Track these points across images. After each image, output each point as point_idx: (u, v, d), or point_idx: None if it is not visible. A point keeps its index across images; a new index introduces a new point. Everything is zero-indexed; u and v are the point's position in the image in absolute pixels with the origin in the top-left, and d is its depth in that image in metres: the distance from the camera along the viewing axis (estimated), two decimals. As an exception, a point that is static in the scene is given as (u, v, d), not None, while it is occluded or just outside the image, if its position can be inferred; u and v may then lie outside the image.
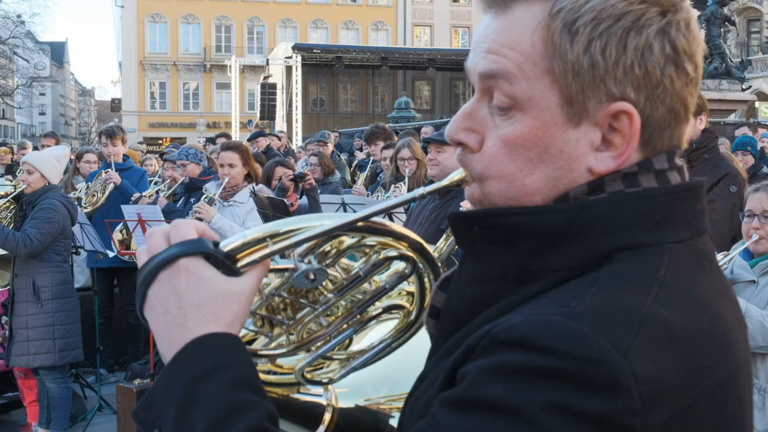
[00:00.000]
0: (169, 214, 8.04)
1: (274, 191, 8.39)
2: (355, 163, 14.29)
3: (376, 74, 52.40)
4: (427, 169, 6.49)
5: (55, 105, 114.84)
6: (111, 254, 8.85)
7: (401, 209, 7.74)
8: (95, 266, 9.14)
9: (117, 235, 8.65)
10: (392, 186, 8.49)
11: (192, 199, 8.54)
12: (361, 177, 11.67)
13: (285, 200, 7.22)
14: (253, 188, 7.41)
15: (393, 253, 1.50)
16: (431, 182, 6.32)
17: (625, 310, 1.14)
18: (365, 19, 62.03)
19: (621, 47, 1.23)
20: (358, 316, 1.55)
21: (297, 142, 34.76)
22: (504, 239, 1.27)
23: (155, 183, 11.20)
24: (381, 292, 1.55)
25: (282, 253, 1.38)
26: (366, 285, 1.54)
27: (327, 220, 1.39)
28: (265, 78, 39.84)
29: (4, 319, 8.64)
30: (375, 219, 1.44)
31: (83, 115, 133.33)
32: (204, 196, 7.49)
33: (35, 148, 14.20)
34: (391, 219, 7.69)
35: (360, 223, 1.42)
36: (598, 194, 1.25)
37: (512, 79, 1.26)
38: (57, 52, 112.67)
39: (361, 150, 16.20)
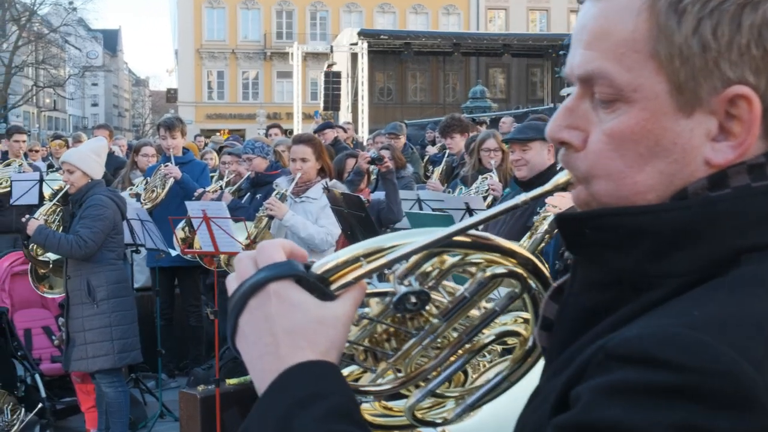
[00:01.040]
0: (235, 210, 8.09)
1: (346, 181, 8.40)
2: (427, 157, 14.24)
3: (447, 61, 52.25)
4: (509, 162, 6.45)
5: (108, 96, 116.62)
6: (173, 253, 8.94)
7: (481, 205, 7.71)
8: (156, 265, 9.24)
9: (179, 233, 8.73)
10: (480, 177, 8.45)
11: (258, 195, 8.58)
12: (437, 171, 11.62)
13: (360, 196, 7.21)
14: (327, 183, 7.42)
15: (501, 270, 1.46)
16: (521, 182, 6.29)
17: (757, 317, 1.09)
18: (435, 3, 61.95)
19: (735, 26, 1.18)
20: (467, 345, 1.51)
21: (363, 134, 34.83)
22: (617, 242, 1.23)
23: (213, 178, 11.27)
24: (490, 315, 1.50)
25: (380, 277, 1.36)
26: (474, 310, 1.50)
27: (423, 235, 1.37)
28: (329, 66, 39.96)
29: (61, 320, 8.79)
30: (478, 233, 1.41)
31: (137, 106, 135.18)
32: (275, 192, 7.52)
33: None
34: (470, 215, 7.65)
35: (461, 238, 1.39)
36: (721, 189, 1.21)
37: (612, 74, 1.23)
38: (110, 41, 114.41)
39: (433, 143, 16.14)
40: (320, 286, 1.29)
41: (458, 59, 50.68)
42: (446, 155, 11.78)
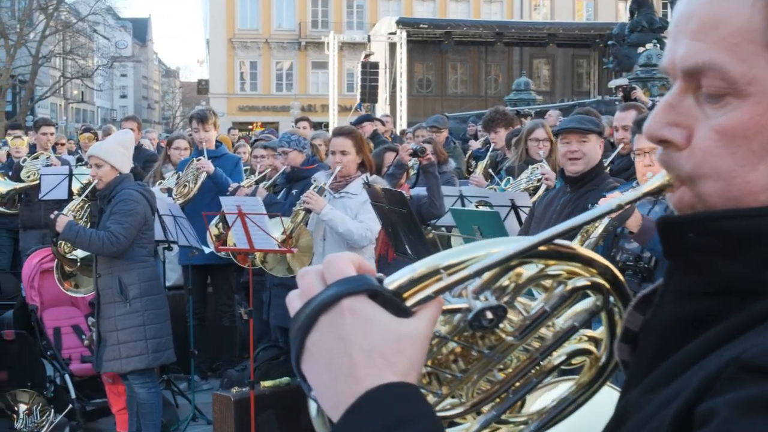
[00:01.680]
0: (271, 206, 8.10)
1: (386, 175, 8.40)
2: (470, 152, 14.21)
3: (489, 52, 52.14)
4: (560, 154, 6.40)
5: (137, 87, 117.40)
6: (207, 250, 8.97)
7: (527, 202, 7.68)
8: (189, 263, 9.28)
9: (213, 229, 8.77)
10: (530, 167, 8.43)
11: (294, 191, 8.60)
12: (480, 165, 11.59)
13: (403, 192, 7.20)
14: (367, 178, 7.42)
15: (582, 282, 1.41)
16: (570, 178, 6.25)
17: None
18: (477, -9, 61.82)
19: None
20: (540, 365, 1.46)
21: (401, 127, 34.81)
22: (727, 248, 1.19)
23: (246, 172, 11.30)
24: (568, 332, 1.45)
25: (452, 292, 1.31)
26: (543, 329, 1.44)
27: (503, 245, 1.32)
28: (367, 56, 39.95)
29: (91, 320, 8.86)
30: (560, 241, 1.36)
31: (167, 98, 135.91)
32: (313, 186, 7.51)
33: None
34: (517, 214, 7.63)
35: (543, 247, 1.35)
36: None
37: (726, 66, 1.19)
38: (139, 30, 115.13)
39: (475, 137, 16.10)
40: (396, 302, 1.24)
41: (501, 49, 50.55)
42: (490, 150, 11.75)
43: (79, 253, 7.90)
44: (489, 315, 1.31)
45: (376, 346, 1.20)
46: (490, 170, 10.95)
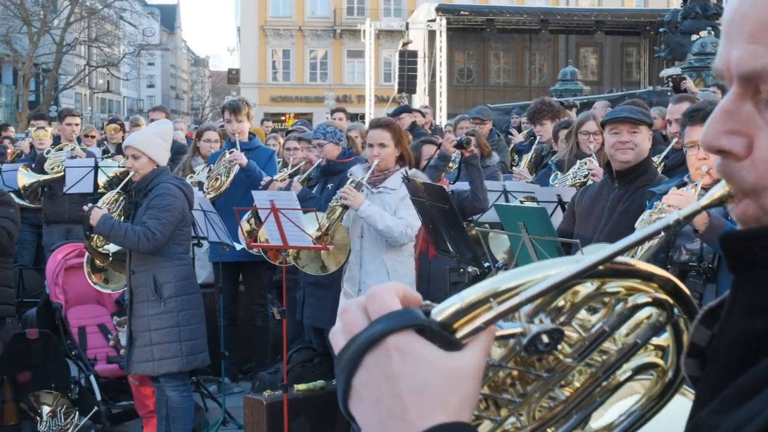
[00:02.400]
0: (305, 201, 8.09)
1: (429, 167, 8.37)
2: (512, 145, 14.16)
3: (533, 40, 51.92)
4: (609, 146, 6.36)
5: (165, 76, 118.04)
6: (238, 247, 8.98)
7: (564, 198, 7.65)
8: (219, 260, 9.30)
9: (244, 225, 8.78)
10: (577, 162, 8.38)
11: (330, 185, 8.59)
12: (525, 159, 11.55)
13: (444, 187, 7.18)
14: (406, 172, 7.39)
15: (643, 299, 1.39)
16: (617, 172, 6.20)
17: None
18: (521, -25, 61.65)
19: None
20: (604, 383, 1.44)
21: (441, 118, 34.77)
22: None
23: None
24: (631, 349, 1.43)
25: (505, 317, 1.28)
26: (606, 344, 1.42)
27: (557, 267, 1.30)
28: (405, 45, 39.95)
29: (116, 319, 8.90)
30: (618, 259, 1.33)
31: (196, 88, 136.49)
32: (350, 181, 7.50)
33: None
34: (563, 210, 7.59)
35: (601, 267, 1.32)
36: None
37: None
38: (168, 17, 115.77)
39: (519, 129, 16.05)
40: (445, 335, 1.22)
41: (546, 37, 50.32)
42: (535, 143, 11.70)
43: (112, 248, 7.87)
44: (545, 339, 1.29)
45: (426, 386, 1.18)
46: (530, 165, 10.93)
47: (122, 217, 7.97)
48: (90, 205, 7.69)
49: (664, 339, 1.46)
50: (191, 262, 7.97)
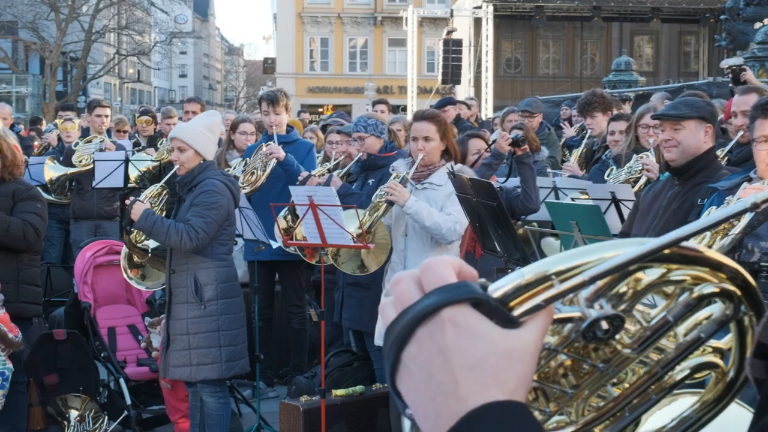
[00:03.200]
0: (345, 197, 8.09)
1: (483, 164, 8.34)
2: (563, 139, 14.10)
3: (585, 28, 51.74)
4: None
5: (198, 65, 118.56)
6: (274, 245, 8.99)
7: (629, 195, 7.60)
8: (255, 259, 9.32)
9: (281, 222, 8.78)
10: (634, 156, 8.33)
11: (371, 180, 8.58)
12: (575, 153, 11.50)
13: (492, 183, 7.15)
14: (452, 167, 7.37)
15: (710, 289, 1.37)
16: (672, 168, 6.17)
17: None
18: (572, -40, 61.41)
19: None
20: (661, 380, 1.42)
21: (486, 111, 34.72)
22: None
23: (318, 160, 11.30)
24: (693, 344, 1.41)
25: (563, 300, 1.28)
26: (663, 341, 1.40)
27: (622, 248, 1.29)
28: (449, 33, 39.93)
29: (148, 320, 8.95)
30: (686, 243, 1.32)
31: (230, 78, 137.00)
32: (393, 176, 7.49)
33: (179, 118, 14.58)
34: (618, 208, 7.55)
35: (666, 251, 1.30)
36: None
37: None
38: (201, 3, 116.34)
39: (569, 122, 15.97)
40: (503, 311, 1.22)
41: (598, 25, 50.09)
42: (586, 137, 11.65)
43: (151, 243, 7.86)
44: (604, 325, 1.28)
45: (481, 362, 1.18)
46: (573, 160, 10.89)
47: (164, 212, 7.98)
48: (132, 198, 7.67)
49: (725, 342, 1.44)
50: (233, 264, 7.91)
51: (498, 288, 1.23)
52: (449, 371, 1.17)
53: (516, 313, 1.23)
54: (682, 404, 1.49)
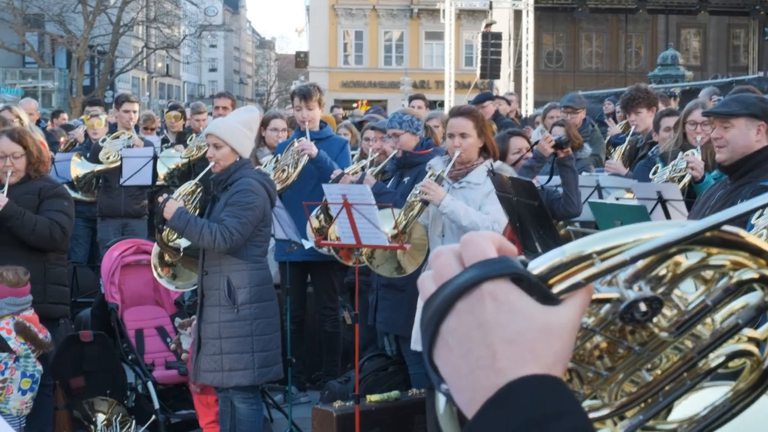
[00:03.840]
0: (380, 195, 8.08)
1: (524, 167, 8.29)
2: (608, 137, 14.03)
3: (629, 21, 51.62)
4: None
5: (228, 59, 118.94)
6: (307, 245, 9.00)
7: (676, 195, 7.56)
8: (286, 260, 9.32)
9: (314, 221, 8.79)
10: (680, 153, 8.28)
11: (406, 179, 8.58)
12: (618, 151, 11.44)
13: (533, 181, 7.12)
14: (491, 165, 7.35)
15: (750, 275, 1.38)
16: (723, 168, 6.14)
17: None
18: (616, -50, 61.18)
19: None
20: (696, 367, 1.44)
21: (526, 107, 34.64)
22: None
23: (354, 157, 11.30)
24: (731, 331, 1.42)
25: (601, 280, 1.31)
26: (699, 327, 1.42)
27: (663, 229, 1.32)
28: (488, 26, 39.91)
29: (178, 321, 8.97)
30: (728, 228, 1.34)
31: (261, 72, 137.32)
32: (429, 174, 7.48)
33: (209, 114, 14.61)
34: (664, 208, 7.51)
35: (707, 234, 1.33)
36: None
37: None
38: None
39: (614, 117, 15.89)
40: (543, 288, 1.25)
41: (643, 18, 49.95)
42: (630, 134, 11.60)
43: (183, 242, 7.83)
44: (643, 307, 1.31)
45: (520, 336, 1.21)
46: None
47: (197, 211, 7.96)
48: (165, 196, 7.67)
49: (761, 332, 1.46)
50: (268, 267, 7.91)
51: (538, 265, 1.27)
52: (488, 345, 1.21)
53: (555, 290, 1.26)
54: (713, 393, 1.50)
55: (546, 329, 1.23)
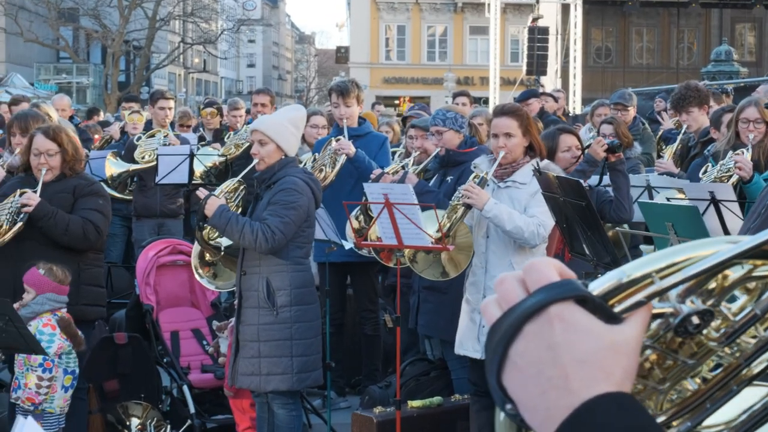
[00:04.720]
0: (422, 195, 8.07)
1: (576, 171, 8.24)
2: (660, 133, 13.95)
3: (681, 15, 51.30)
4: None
5: (267, 55, 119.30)
6: (346, 246, 9.01)
7: (729, 195, 7.51)
8: (326, 261, 9.33)
9: (353, 222, 8.78)
10: (729, 153, 8.22)
11: (449, 178, 8.57)
12: (669, 150, 11.39)
13: (580, 181, 7.08)
14: (537, 164, 7.33)
15: None
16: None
17: None
18: (668, -59, 60.86)
19: None
20: (743, 372, 1.49)
21: (574, 104, 34.52)
22: None
23: (396, 155, 11.30)
24: None
25: (665, 293, 1.36)
26: (743, 336, 1.47)
27: (716, 246, 1.38)
28: (534, 20, 39.77)
29: (215, 323, 9.00)
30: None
31: (300, 68, 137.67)
32: (473, 175, 7.47)
33: (246, 110, 14.64)
34: (717, 208, 7.46)
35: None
36: None
37: None
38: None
39: (664, 115, 15.80)
40: (606, 308, 1.31)
41: (696, 12, 49.71)
42: (682, 132, 11.54)
43: (224, 241, 7.79)
44: (695, 320, 1.37)
45: (591, 356, 1.27)
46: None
47: (240, 209, 7.93)
48: (207, 193, 7.66)
49: None
50: (310, 269, 7.90)
51: (598, 286, 1.32)
52: (559, 365, 1.26)
53: (617, 309, 1.32)
54: (749, 396, 1.55)
55: (613, 347, 1.28)
